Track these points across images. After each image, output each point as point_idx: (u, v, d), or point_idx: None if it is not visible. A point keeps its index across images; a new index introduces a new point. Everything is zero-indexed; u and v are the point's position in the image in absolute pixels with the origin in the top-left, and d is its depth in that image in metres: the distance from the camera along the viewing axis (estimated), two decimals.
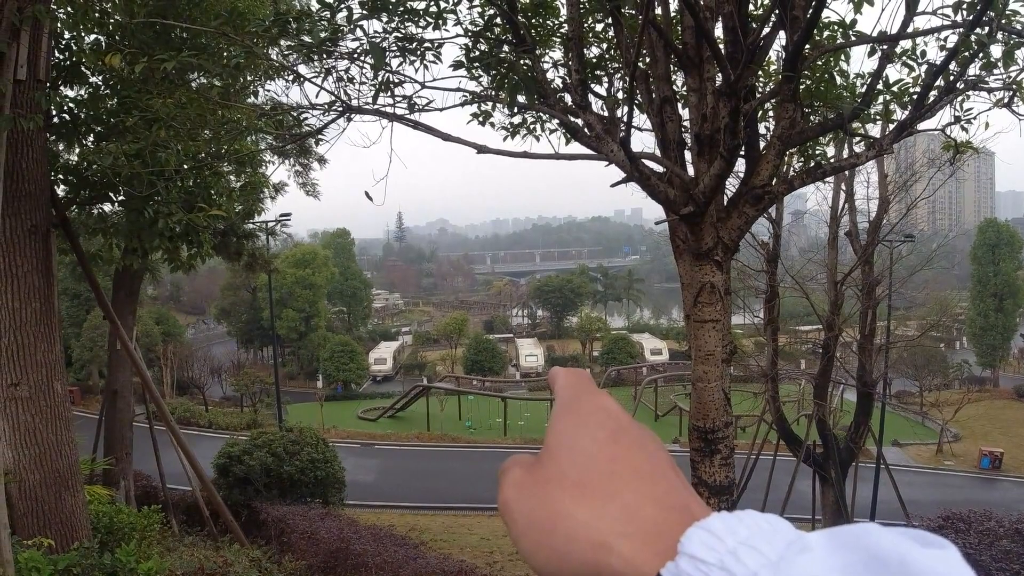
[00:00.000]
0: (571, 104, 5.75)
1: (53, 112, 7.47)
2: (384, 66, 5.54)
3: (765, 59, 6.43)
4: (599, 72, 6.96)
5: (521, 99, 5.54)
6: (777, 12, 5.05)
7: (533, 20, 6.37)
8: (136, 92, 7.24)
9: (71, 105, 7.89)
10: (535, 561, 0.43)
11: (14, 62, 5.97)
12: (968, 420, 34.14)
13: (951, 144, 6.56)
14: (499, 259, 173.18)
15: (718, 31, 5.46)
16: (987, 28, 5.19)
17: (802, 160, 7.93)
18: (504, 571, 12.14)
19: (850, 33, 5.56)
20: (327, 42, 5.28)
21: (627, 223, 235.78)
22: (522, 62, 5.77)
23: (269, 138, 9.18)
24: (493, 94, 6.14)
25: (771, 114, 6.49)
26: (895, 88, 5.86)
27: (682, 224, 5.53)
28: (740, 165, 5.93)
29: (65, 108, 7.77)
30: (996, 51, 5.63)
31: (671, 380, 40.31)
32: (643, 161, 5.34)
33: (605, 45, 7.15)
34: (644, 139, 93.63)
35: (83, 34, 7.91)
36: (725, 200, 5.87)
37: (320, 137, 6.42)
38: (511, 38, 5.79)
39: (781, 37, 5.43)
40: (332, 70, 5.85)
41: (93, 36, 8.00)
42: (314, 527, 10.67)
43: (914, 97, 5.71)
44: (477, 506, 19.48)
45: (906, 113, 5.76)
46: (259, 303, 49.72)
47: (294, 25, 5.33)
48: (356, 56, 5.73)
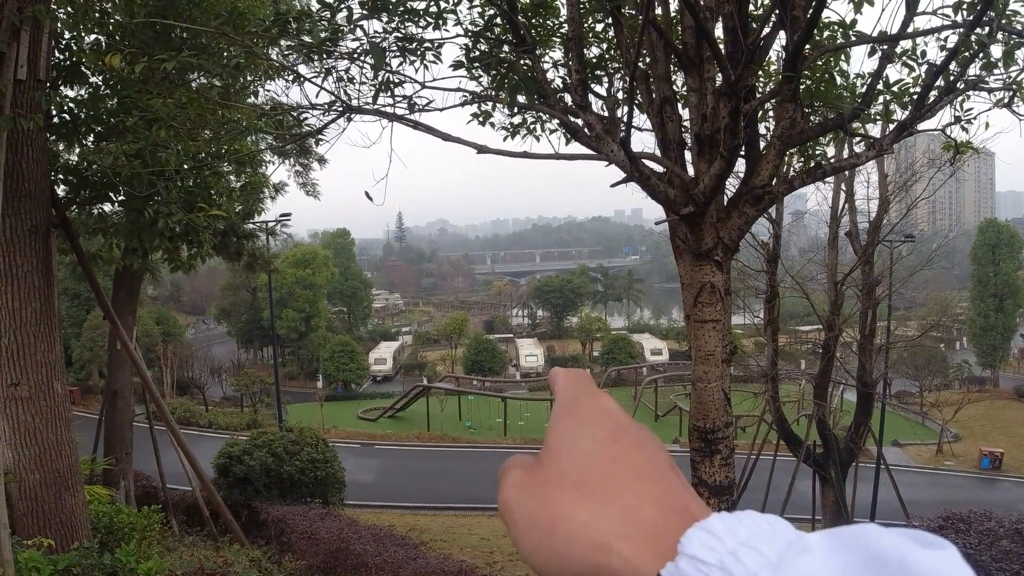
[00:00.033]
0: (571, 104, 5.75)
1: (53, 112, 7.47)
2: (384, 66, 5.54)
3: (765, 59, 6.43)
4: (599, 72, 6.96)
5: (521, 99, 5.54)
6: (777, 12, 5.05)
7: (533, 20, 6.36)
8: (136, 92, 7.24)
9: (71, 105, 7.89)
10: (535, 562, 0.43)
11: (14, 62, 5.97)
12: (968, 420, 34.15)
13: (951, 144, 6.56)
14: (499, 259, 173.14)
15: (718, 31, 5.46)
16: (987, 28, 5.19)
17: (802, 160, 7.93)
18: (504, 571, 12.14)
19: (850, 33, 5.56)
20: (327, 42, 5.28)
21: (627, 223, 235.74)
22: (522, 62, 5.77)
23: (269, 138, 9.19)
24: (493, 94, 6.14)
25: (771, 114, 6.49)
26: (895, 88, 5.86)
27: (682, 224, 5.53)
28: (740, 165, 5.94)
29: (65, 108, 7.77)
30: (996, 51, 5.64)
31: (671, 380, 40.33)
32: (643, 161, 5.34)
33: (605, 45, 7.15)
34: (644, 139, 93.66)
35: (83, 34, 7.91)
36: (725, 200, 5.87)
37: (320, 137, 6.43)
38: (511, 38, 5.79)
39: (781, 37, 5.44)
40: (332, 70, 5.85)
41: (93, 36, 8.01)
42: (314, 527, 10.67)
43: (914, 97, 5.71)
44: (477, 506, 19.48)
45: (906, 113, 5.76)
46: (259, 303, 49.72)
47: (294, 25, 5.33)
48: (356, 56, 5.73)
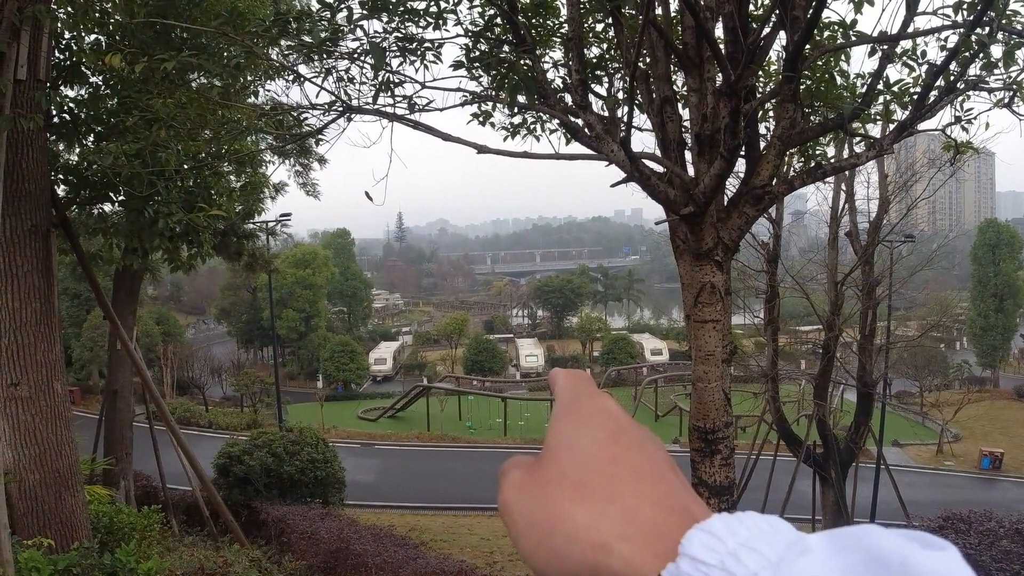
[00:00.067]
0: (571, 104, 5.75)
1: (53, 112, 7.47)
2: (384, 66, 5.54)
3: (765, 59, 6.43)
4: (599, 72, 6.96)
5: (521, 99, 5.54)
6: (777, 12, 5.05)
7: (533, 20, 6.36)
8: (136, 92, 7.24)
9: (71, 105, 7.90)
10: (535, 562, 0.42)
11: (14, 62, 5.97)
12: (968, 420, 34.14)
13: (951, 144, 6.56)
14: (499, 259, 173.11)
15: (718, 31, 5.46)
16: (987, 28, 5.19)
17: (802, 160, 7.93)
18: (504, 571, 12.14)
19: (850, 33, 5.56)
20: (327, 42, 5.28)
21: (627, 223, 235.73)
22: (522, 62, 5.77)
23: (269, 138, 9.19)
24: (493, 94, 6.14)
25: (771, 114, 6.49)
26: (895, 88, 5.86)
27: (682, 224, 5.53)
28: (740, 165, 5.94)
29: (65, 108, 7.77)
30: (996, 51, 5.64)
31: (671, 380, 40.31)
32: (643, 161, 5.34)
33: (605, 45, 7.15)
34: (644, 139, 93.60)
35: (83, 34, 7.91)
36: (725, 200, 5.87)
37: (320, 137, 6.43)
38: (511, 38, 5.79)
39: (781, 37, 5.44)
40: (332, 70, 5.85)
41: (93, 36, 8.01)
42: (314, 527, 10.67)
43: (914, 97, 5.71)
44: (477, 506, 19.48)
45: (906, 113, 5.76)
46: (259, 303, 49.73)
47: (294, 25, 5.33)
48: (356, 56, 5.73)
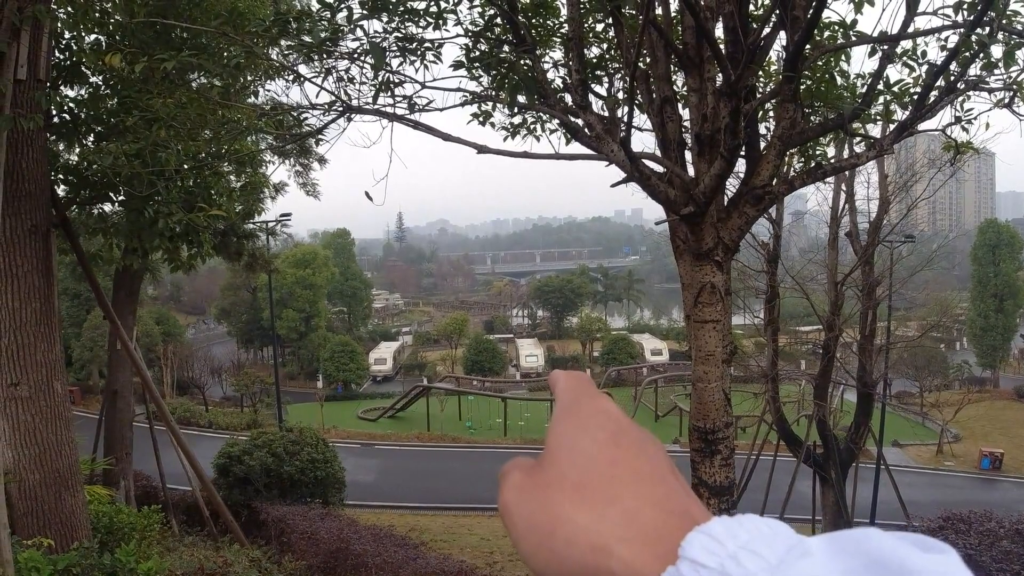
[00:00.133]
0: (571, 104, 5.75)
1: (53, 112, 7.48)
2: (384, 66, 5.54)
3: (765, 59, 6.43)
4: (599, 72, 6.96)
5: (521, 99, 5.54)
6: (777, 12, 5.05)
7: (533, 20, 6.36)
8: (136, 92, 7.24)
9: (71, 105, 7.90)
10: (535, 564, 0.42)
11: (14, 62, 5.97)
12: (968, 421, 34.14)
13: (951, 144, 6.56)
14: (499, 259, 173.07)
15: (718, 31, 5.46)
16: (988, 28, 5.19)
17: (802, 160, 7.93)
18: (504, 571, 12.14)
19: (851, 33, 5.56)
20: (327, 42, 5.28)
21: (627, 223, 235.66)
22: (522, 62, 5.77)
23: (269, 138, 9.19)
24: (493, 94, 6.14)
25: (771, 114, 6.49)
26: (896, 88, 5.86)
27: (682, 224, 5.53)
28: (740, 165, 5.94)
29: (65, 108, 7.78)
30: (997, 51, 5.64)
31: (671, 380, 40.28)
32: (643, 161, 5.34)
33: (605, 45, 7.15)
34: (644, 139, 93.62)
35: (83, 34, 7.92)
36: (725, 200, 5.87)
37: (320, 137, 6.43)
38: (511, 38, 5.79)
39: (781, 37, 5.43)
40: (332, 70, 5.85)
41: (93, 36, 8.01)
42: (314, 527, 10.67)
43: (915, 97, 5.71)
44: (477, 506, 19.48)
45: (907, 113, 5.76)
46: (259, 303, 49.73)
47: (294, 25, 5.33)
48: (356, 56, 5.73)
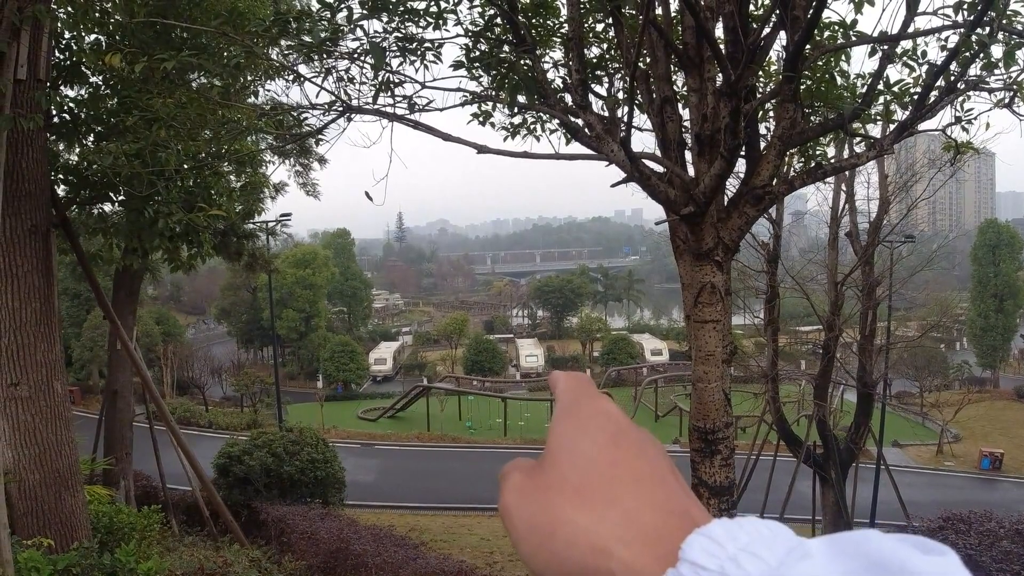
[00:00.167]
0: (571, 104, 5.75)
1: (53, 112, 7.47)
2: (384, 66, 5.54)
3: (765, 59, 6.43)
4: (599, 72, 6.96)
5: (521, 99, 5.54)
6: (777, 12, 5.05)
7: (533, 20, 6.36)
8: (136, 92, 7.24)
9: (71, 105, 7.90)
10: (535, 565, 0.42)
11: (14, 62, 5.97)
12: (968, 421, 34.14)
13: (952, 144, 6.56)
14: (499, 259, 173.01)
15: (719, 31, 5.46)
16: (988, 28, 5.19)
17: (802, 160, 7.93)
18: (504, 571, 12.14)
19: (851, 33, 5.56)
20: (327, 42, 5.28)
21: (627, 223, 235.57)
22: (522, 62, 5.77)
23: (269, 138, 9.20)
24: (493, 94, 6.14)
25: (771, 114, 6.49)
26: (896, 88, 5.86)
27: (682, 224, 5.53)
28: (740, 165, 5.94)
29: (65, 108, 7.78)
30: (997, 51, 5.64)
31: (671, 380, 40.27)
32: (643, 161, 5.34)
33: (605, 45, 7.15)
34: (644, 139, 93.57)
35: (83, 34, 7.92)
36: (725, 200, 5.87)
37: (320, 137, 6.43)
38: (511, 38, 5.79)
39: (782, 37, 5.44)
40: (332, 70, 5.85)
41: (93, 36, 8.01)
42: (314, 527, 10.67)
43: (915, 97, 5.71)
44: (477, 506, 19.48)
45: (907, 113, 5.76)
46: (259, 303, 49.73)
47: (294, 25, 5.33)
48: (356, 56, 5.73)
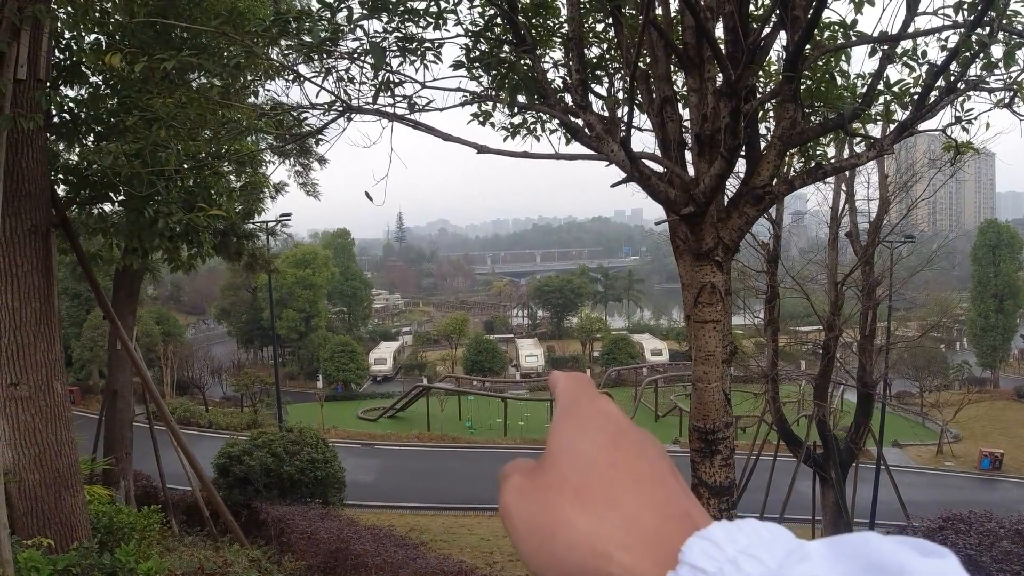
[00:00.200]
0: (571, 104, 5.75)
1: (53, 112, 7.47)
2: (384, 66, 5.54)
3: (766, 59, 6.43)
4: (599, 72, 6.96)
5: (521, 99, 5.54)
6: (778, 12, 5.05)
7: (533, 20, 6.36)
8: (136, 92, 7.24)
9: (71, 105, 7.90)
10: (535, 566, 0.42)
11: (14, 62, 5.97)
12: (968, 421, 34.15)
13: (952, 145, 6.56)
14: (499, 259, 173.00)
15: (719, 31, 5.46)
16: (988, 28, 5.18)
17: (802, 160, 7.92)
18: (504, 571, 12.14)
19: (851, 33, 5.56)
20: (327, 42, 5.28)
21: (627, 223, 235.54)
22: (522, 62, 5.77)
23: (269, 138, 9.19)
24: (493, 94, 6.14)
25: (772, 114, 6.49)
26: (896, 88, 5.86)
27: (682, 224, 5.53)
28: (740, 165, 5.94)
29: (65, 108, 7.78)
30: (997, 51, 5.63)
31: (671, 380, 40.29)
32: (643, 161, 5.34)
33: (605, 45, 7.15)
34: (644, 139, 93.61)
35: (83, 34, 7.92)
36: (725, 200, 5.87)
37: (320, 137, 6.44)
38: (511, 38, 5.79)
39: (782, 37, 5.43)
40: (332, 70, 5.85)
41: (93, 36, 8.01)
42: (314, 527, 10.67)
43: (915, 97, 5.71)
44: (477, 506, 19.49)
45: (907, 113, 5.76)
46: (259, 303, 49.72)
47: (294, 25, 5.33)
48: (356, 56, 5.73)
